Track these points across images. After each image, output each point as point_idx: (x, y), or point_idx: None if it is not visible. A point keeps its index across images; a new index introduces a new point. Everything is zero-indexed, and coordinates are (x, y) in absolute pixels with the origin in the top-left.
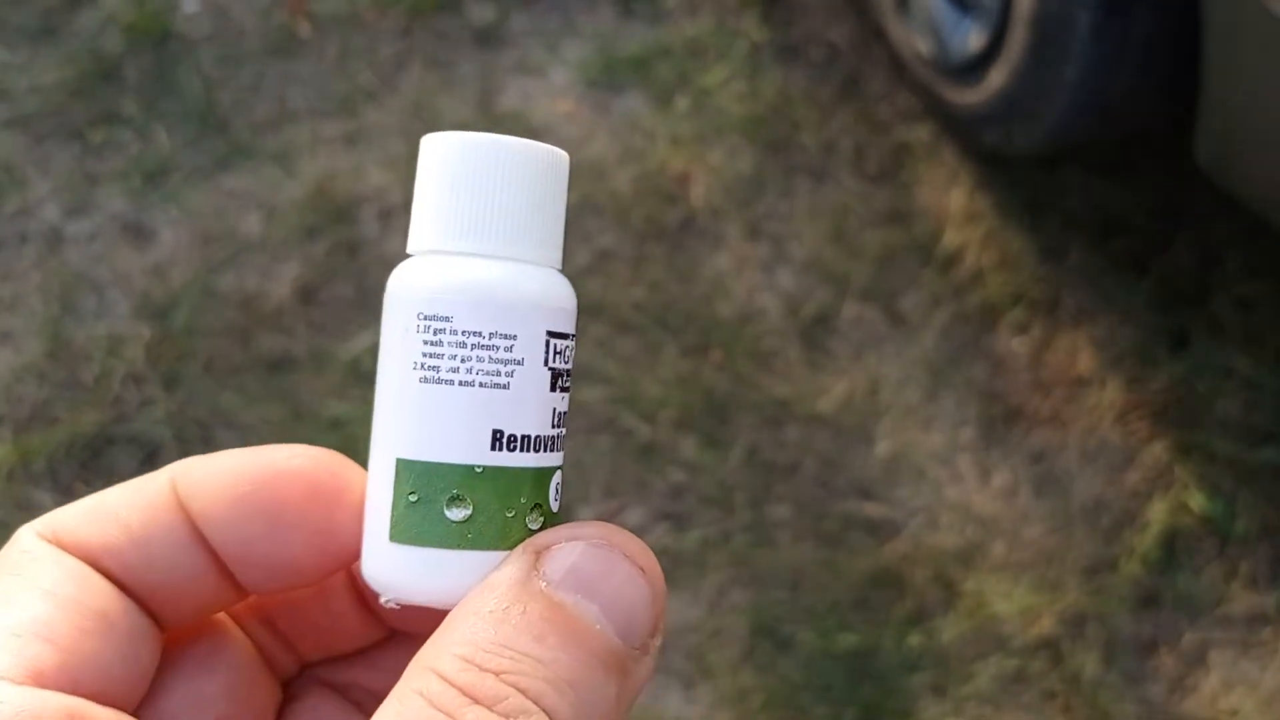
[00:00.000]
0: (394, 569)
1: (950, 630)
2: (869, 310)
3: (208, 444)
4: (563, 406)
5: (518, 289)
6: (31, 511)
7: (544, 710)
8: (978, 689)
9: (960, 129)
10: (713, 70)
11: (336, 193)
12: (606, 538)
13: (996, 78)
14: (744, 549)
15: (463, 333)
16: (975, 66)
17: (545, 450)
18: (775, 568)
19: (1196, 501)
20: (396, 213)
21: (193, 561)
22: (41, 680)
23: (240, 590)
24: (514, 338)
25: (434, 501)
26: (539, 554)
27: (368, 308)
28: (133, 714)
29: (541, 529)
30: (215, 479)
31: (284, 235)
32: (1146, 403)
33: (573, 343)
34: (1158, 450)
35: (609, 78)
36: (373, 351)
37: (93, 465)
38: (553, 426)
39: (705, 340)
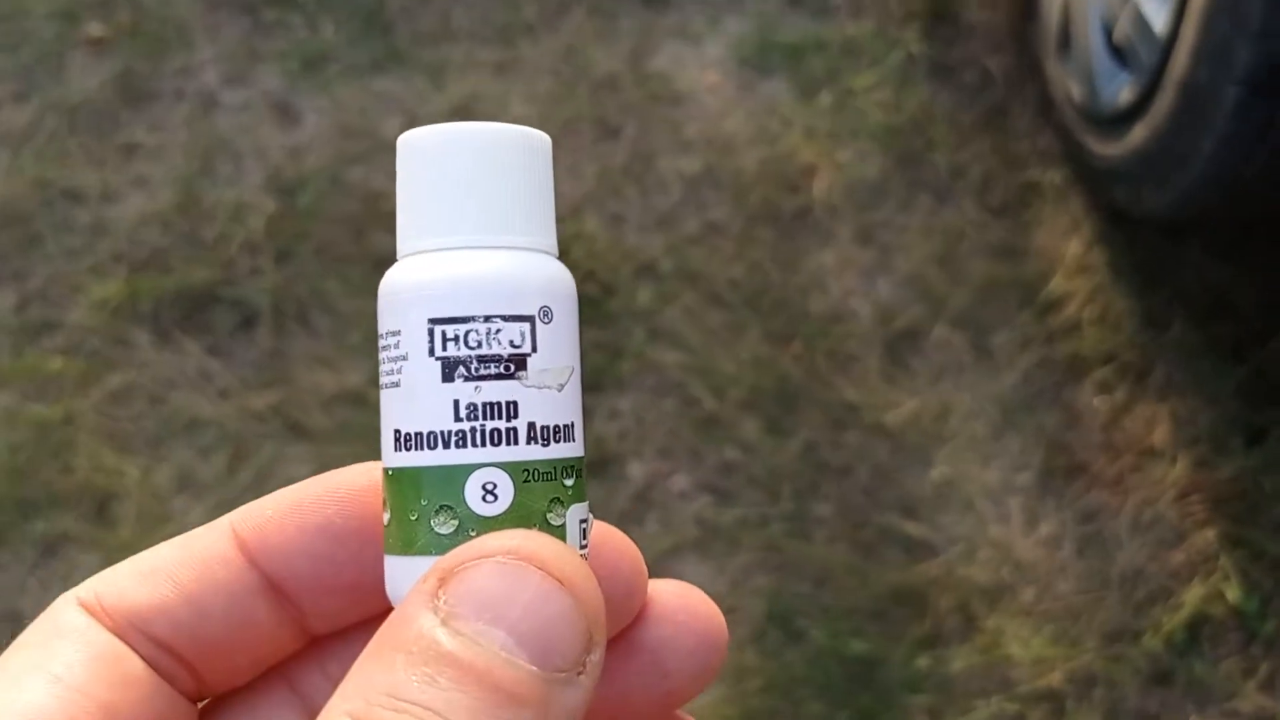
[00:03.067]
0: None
1: (960, 661)
2: (958, 336)
3: (302, 322)
4: (479, 397)
5: (397, 280)
6: (128, 349)
7: None
8: None
9: (1093, 180)
10: (863, 73)
11: (477, 115)
12: (516, 550)
13: (1138, 135)
14: (779, 537)
15: (380, 336)
16: (1122, 120)
17: (451, 446)
18: (804, 561)
19: (1233, 594)
20: None
21: (254, 608)
22: None
23: (298, 637)
24: (399, 332)
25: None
26: (443, 580)
27: None
28: None
29: (455, 533)
30: (293, 514)
31: None
32: (1210, 488)
33: (494, 323)
34: (1209, 536)
35: (761, 59)
36: None
37: (193, 318)
38: (458, 420)
39: (791, 330)
